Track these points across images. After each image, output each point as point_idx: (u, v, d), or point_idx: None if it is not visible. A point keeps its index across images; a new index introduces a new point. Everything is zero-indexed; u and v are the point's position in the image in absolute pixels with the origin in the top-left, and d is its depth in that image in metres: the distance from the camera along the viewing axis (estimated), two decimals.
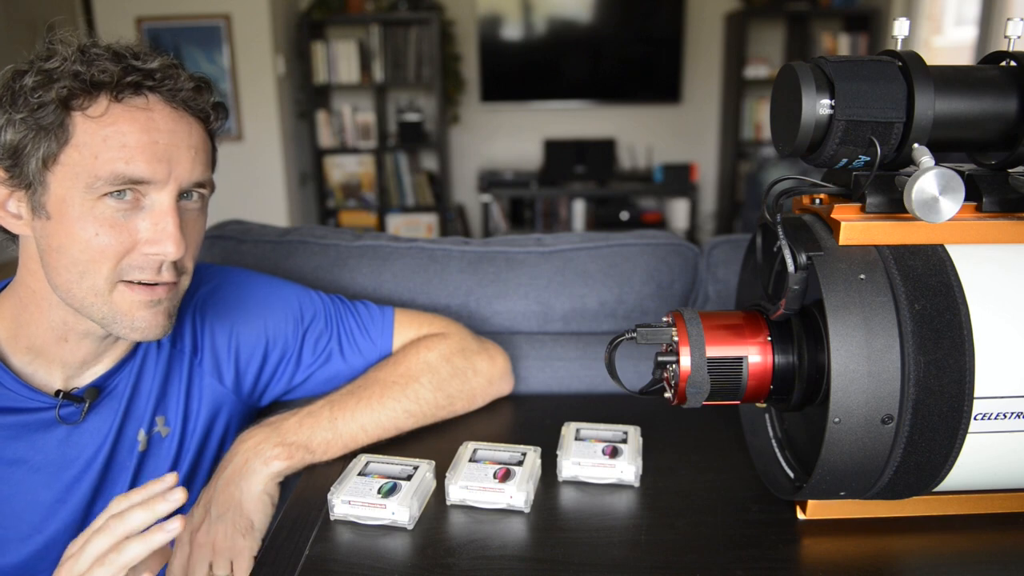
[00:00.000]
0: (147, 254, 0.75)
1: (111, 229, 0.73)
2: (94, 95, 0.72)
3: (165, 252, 0.75)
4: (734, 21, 4.38)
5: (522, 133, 4.72)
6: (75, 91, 0.72)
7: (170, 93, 0.76)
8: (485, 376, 1.00)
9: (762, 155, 4.41)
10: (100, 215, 0.73)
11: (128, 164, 0.72)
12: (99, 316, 0.77)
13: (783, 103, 0.67)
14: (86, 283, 0.75)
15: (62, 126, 0.72)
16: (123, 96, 0.73)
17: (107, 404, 0.85)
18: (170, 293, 0.79)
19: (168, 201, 0.75)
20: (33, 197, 0.74)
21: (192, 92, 0.77)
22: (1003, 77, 0.65)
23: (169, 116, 0.75)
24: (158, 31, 3.87)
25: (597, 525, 0.75)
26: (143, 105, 0.74)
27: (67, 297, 0.76)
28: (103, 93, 0.73)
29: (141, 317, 0.77)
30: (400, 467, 0.80)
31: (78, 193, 0.72)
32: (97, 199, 0.73)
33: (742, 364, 0.70)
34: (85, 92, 0.72)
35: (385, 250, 1.20)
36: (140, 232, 0.74)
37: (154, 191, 0.74)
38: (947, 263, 0.65)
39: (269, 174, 4.08)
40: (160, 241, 0.74)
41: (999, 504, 0.73)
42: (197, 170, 0.77)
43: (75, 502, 0.82)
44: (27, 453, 0.80)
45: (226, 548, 0.78)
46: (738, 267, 1.00)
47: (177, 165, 0.75)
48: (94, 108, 0.72)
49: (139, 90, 0.74)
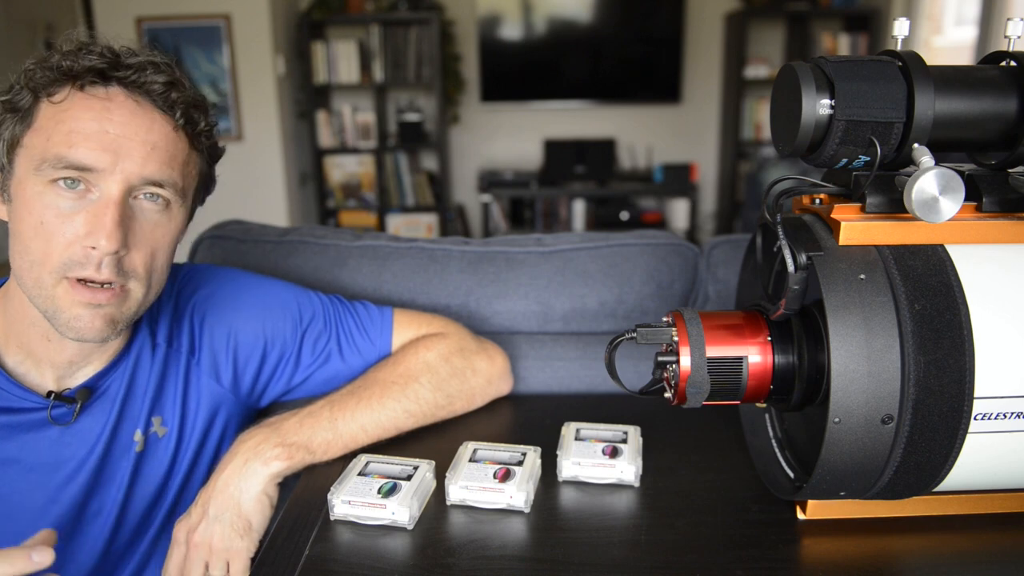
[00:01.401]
0: (84, 247, 0.74)
1: (56, 218, 0.73)
2: (61, 83, 0.74)
3: (98, 244, 0.73)
4: (734, 21, 4.38)
5: (522, 133, 4.72)
6: (47, 79, 0.74)
7: (134, 85, 0.76)
8: (484, 376, 1.00)
9: (762, 155, 4.41)
10: (49, 202, 0.73)
11: (71, 148, 0.72)
12: (44, 307, 0.76)
13: (783, 103, 0.67)
14: (34, 272, 0.75)
15: (29, 111, 0.74)
16: (85, 85, 0.75)
17: (100, 405, 0.85)
18: (114, 300, 0.76)
19: (113, 193, 0.74)
20: (4, 181, 0.76)
21: (162, 87, 0.77)
22: (1003, 77, 0.65)
23: (128, 108, 0.75)
24: (158, 31, 3.87)
25: (597, 525, 0.74)
26: (102, 95, 0.75)
27: (22, 285, 0.77)
28: (69, 81, 0.74)
29: (78, 315, 0.75)
30: (400, 467, 0.80)
31: (31, 176, 0.74)
32: (47, 184, 0.73)
33: (742, 364, 0.70)
34: (55, 80, 0.74)
35: (385, 250, 1.20)
36: (81, 224, 0.74)
37: (102, 182, 0.74)
38: (947, 263, 0.65)
39: (269, 174, 4.08)
40: (94, 232, 0.73)
41: (999, 504, 0.73)
42: (151, 166, 0.75)
43: (67, 502, 0.82)
44: (19, 453, 0.80)
45: (223, 549, 0.78)
46: (738, 267, 1.00)
47: (126, 158, 0.74)
48: (58, 95, 0.74)
49: (104, 80, 0.75)
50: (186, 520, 0.81)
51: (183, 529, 0.80)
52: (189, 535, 0.79)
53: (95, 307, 0.76)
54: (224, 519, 0.79)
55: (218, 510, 0.79)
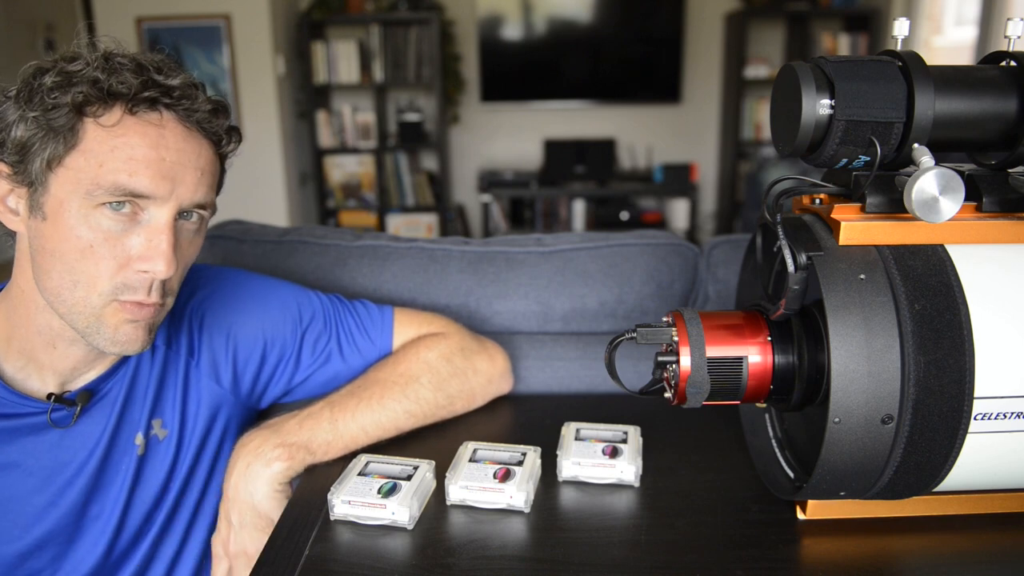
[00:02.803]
0: (138, 271, 0.74)
1: (105, 241, 0.73)
2: (109, 104, 0.72)
3: (155, 270, 0.74)
4: (734, 21, 4.38)
5: (522, 133, 4.72)
6: (91, 97, 0.71)
7: (185, 112, 0.76)
8: (485, 375, 1.00)
9: (762, 155, 4.41)
10: (95, 224, 0.73)
11: (131, 177, 0.72)
12: (83, 326, 0.76)
13: (783, 103, 0.67)
14: (79, 293, 0.74)
15: (72, 130, 0.72)
16: (137, 109, 0.73)
17: (100, 408, 0.85)
18: (155, 312, 0.78)
19: (166, 218, 0.74)
20: (33, 196, 0.74)
21: (208, 114, 0.78)
22: (1003, 77, 0.65)
23: (180, 135, 0.75)
24: (158, 31, 3.87)
25: (597, 525, 0.74)
26: (156, 121, 0.74)
27: (55, 302, 0.76)
28: (118, 104, 0.73)
29: (124, 331, 0.76)
30: (400, 467, 0.80)
31: (77, 198, 0.72)
32: (94, 207, 0.72)
33: (742, 364, 0.70)
34: (100, 100, 0.72)
35: (385, 250, 1.20)
36: (134, 247, 0.74)
37: (153, 207, 0.74)
38: (947, 263, 0.65)
39: (269, 174, 4.08)
40: (151, 258, 0.74)
41: (999, 504, 0.73)
42: (200, 191, 0.77)
43: (66, 506, 0.82)
44: (19, 457, 0.80)
45: (258, 551, 0.79)
46: (738, 267, 1.00)
47: (181, 184, 0.75)
48: (107, 117, 0.72)
49: (154, 105, 0.74)
50: (218, 535, 0.83)
51: (219, 543, 0.83)
52: (225, 548, 0.82)
53: (139, 322, 0.77)
54: (247, 523, 0.81)
55: (240, 517, 0.81)
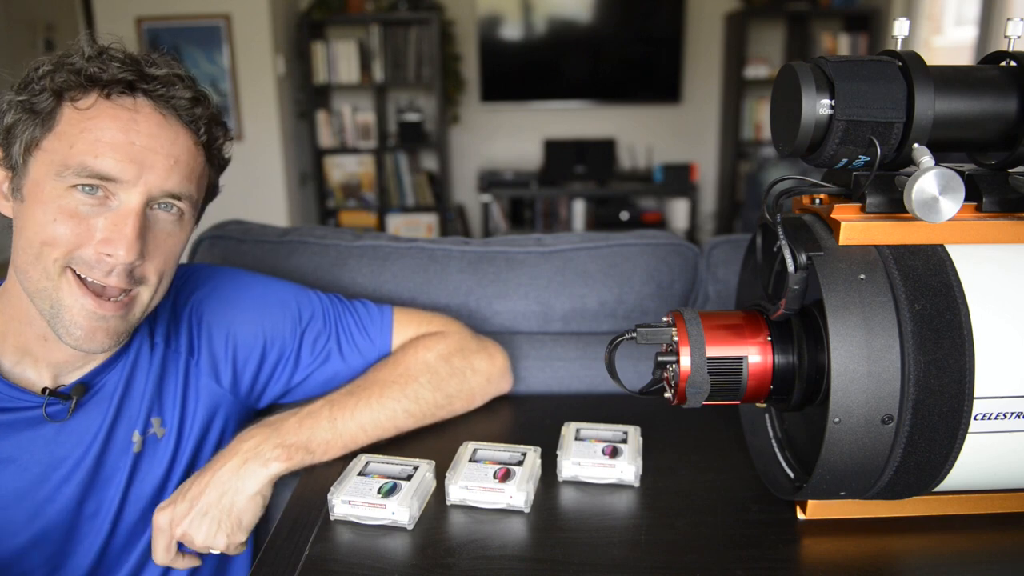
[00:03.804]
0: (100, 252, 0.74)
1: (70, 219, 0.73)
2: (87, 89, 0.74)
3: (116, 254, 0.73)
4: (734, 21, 4.38)
5: (522, 133, 4.72)
6: (71, 83, 0.74)
7: (162, 99, 0.76)
8: (484, 375, 1.00)
9: (762, 155, 4.41)
10: (65, 205, 0.73)
11: (96, 158, 0.72)
12: (46, 306, 0.76)
13: (783, 103, 0.67)
14: (39, 265, 0.75)
15: (51, 114, 0.74)
16: (112, 94, 0.74)
17: (96, 403, 0.84)
18: (120, 312, 0.77)
19: (134, 204, 0.74)
20: (14, 180, 0.76)
21: (187, 102, 0.77)
22: (1003, 77, 0.65)
23: (155, 121, 0.75)
24: (158, 31, 3.87)
25: (597, 525, 0.74)
26: (129, 105, 0.75)
27: (24, 282, 0.76)
28: (95, 88, 0.74)
29: (80, 324, 0.76)
30: (400, 467, 0.80)
31: (49, 180, 0.73)
32: (66, 189, 0.73)
33: (742, 364, 0.70)
34: (79, 85, 0.74)
35: (385, 250, 1.20)
36: (98, 230, 0.74)
37: (123, 191, 0.74)
38: (947, 263, 0.65)
39: (269, 174, 4.08)
40: (113, 241, 0.73)
41: (999, 504, 0.73)
42: (173, 180, 0.76)
43: (64, 501, 0.82)
44: (15, 452, 0.80)
45: (203, 545, 0.79)
46: (738, 267, 1.00)
47: (150, 170, 0.74)
48: (83, 101, 0.74)
49: (130, 90, 0.75)
50: (171, 508, 0.80)
51: (166, 516, 0.79)
52: (172, 522, 0.79)
53: (99, 318, 0.76)
54: (212, 516, 0.79)
55: (206, 506, 0.79)
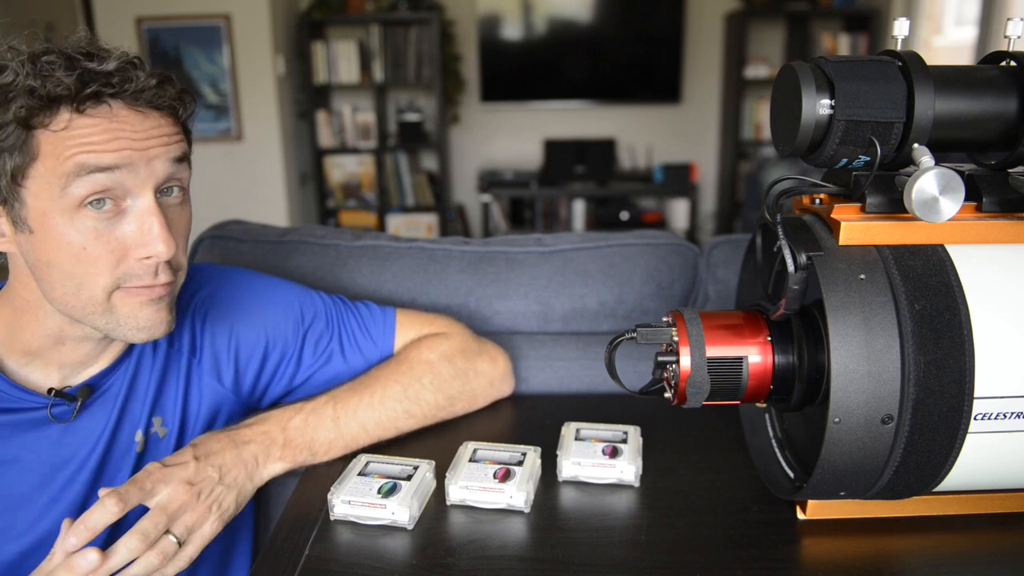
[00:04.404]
0: (140, 259, 0.74)
1: (97, 239, 0.72)
2: (54, 109, 0.70)
3: (156, 253, 0.73)
4: (734, 21, 4.38)
5: (522, 133, 4.72)
6: (34, 109, 0.69)
7: (132, 97, 0.73)
8: (486, 377, 1.00)
9: (762, 155, 4.41)
10: (82, 227, 0.71)
11: (91, 155, 0.70)
12: (101, 324, 0.76)
13: (783, 103, 0.67)
14: (84, 295, 0.74)
15: (26, 144, 0.70)
16: (84, 107, 0.70)
17: (101, 404, 0.84)
18: (168, 289, 0.78)
19: (148, 201, 0.73)
20: (11, 212, 0.73)
21: (155, 90, 0.75)
22: (1003, 77, 0.65)
23: (134, 118, 0.73)
24: (158, 31, 3.87)
25: (597, 525, 0.75)
26: (106, 114, 0.71)
27: (65, 309, 0.76)
28: (63, 107, 0.70)
29: (145, 316, 0.76)
30: (400, 467, 0.80)
31: (55, 204, 0.71)
32: (76, 209, 0.71)
33: (742, 364, 0.70)
34: (44, 108, 0.69)
35: (385, 250, 1.20)
36: (127, 237, 0.73)
37: (129, 196, 0.73)
38: (947, 263, 0.65)
39: (269, 174, 4.07)
40: (148, 243, 0.73)
41: (999, 504, 0.73)
42: (168, 165, 0.75)
43: (68, 502, 0.82)
44: (19, 453, 0.80)
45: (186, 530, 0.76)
46: (738, 267, 1.00)
47: (146, 164, 0.73)
48: (56, 123, 0.70)
49: (100, 99, 0.71)
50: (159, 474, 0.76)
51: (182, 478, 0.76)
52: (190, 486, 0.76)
53: (157, 302, 0.76)
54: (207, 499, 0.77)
55: (209, 490, 0.78)
